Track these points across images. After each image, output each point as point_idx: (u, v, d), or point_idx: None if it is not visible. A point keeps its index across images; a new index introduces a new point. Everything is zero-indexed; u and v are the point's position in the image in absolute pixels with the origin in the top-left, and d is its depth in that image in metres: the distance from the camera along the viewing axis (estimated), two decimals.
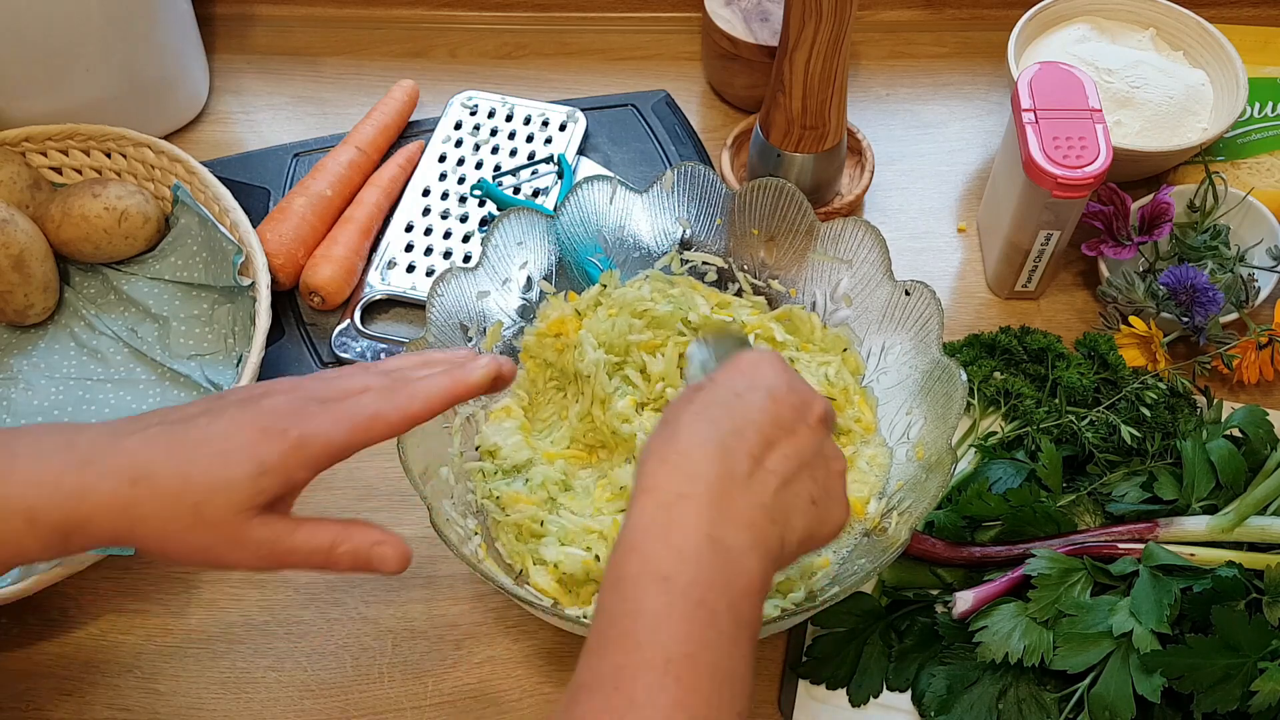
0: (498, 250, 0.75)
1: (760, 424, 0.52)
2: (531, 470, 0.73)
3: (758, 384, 0.54)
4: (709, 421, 0.52)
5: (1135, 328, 0.81)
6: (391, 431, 0.56)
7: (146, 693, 0.72)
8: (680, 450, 0.51)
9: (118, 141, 0.89)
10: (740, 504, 0.50)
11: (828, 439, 0.56)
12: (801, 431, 0.53)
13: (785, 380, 0.55)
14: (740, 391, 0.54)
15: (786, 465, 0.52)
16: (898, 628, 0.71)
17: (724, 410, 0.53)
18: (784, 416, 0.53)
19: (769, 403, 0.53)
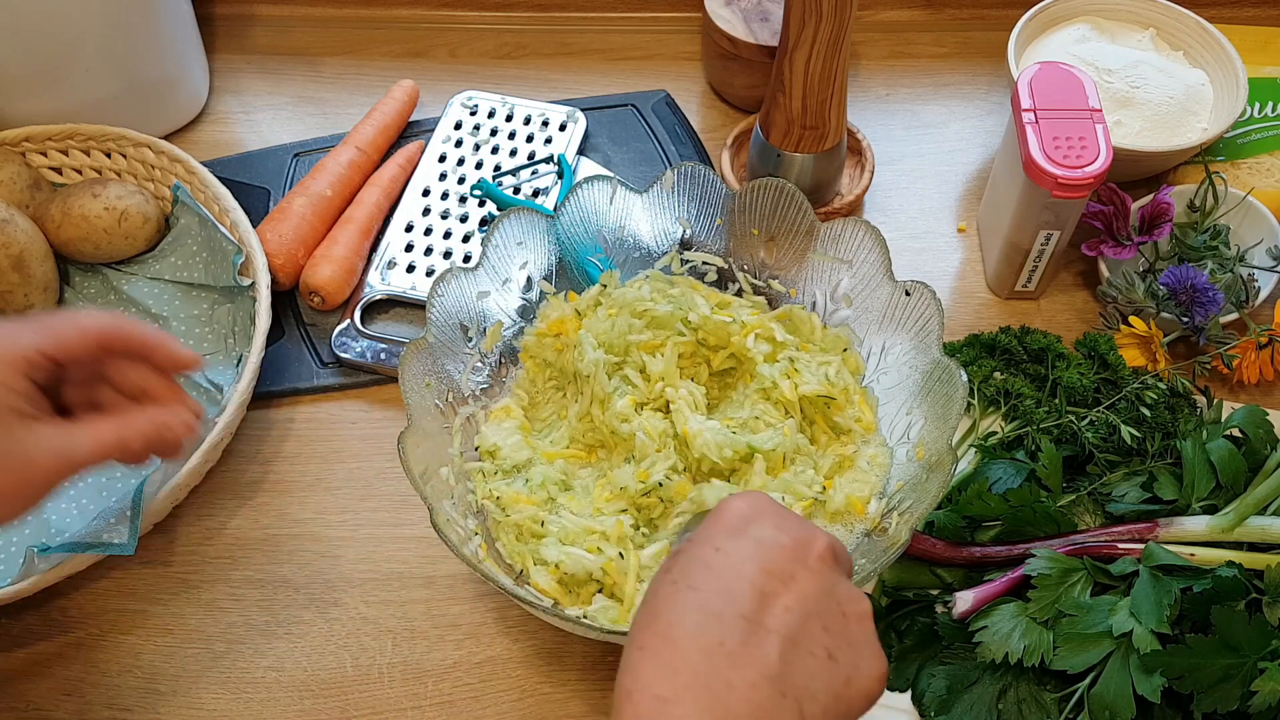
0: (498, 250, 0.75)
1: (751, 576, 0.45)
2: (531, 470, 0.73)
3: (743, 532, 0.47)
4: (690, 588, 0.45)
5: (1135, 328, 0.81)
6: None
7: (147, 693, 0.72)
8: (661, 632, 0.44)
9: (118, 141, 0.89)
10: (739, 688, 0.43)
11: (840, 579, 0.48)
12: (802, 576, 0.47)
13: (773, 520, 0.48)
14: (722, 546, 0.47)
15: (789, 618, 0.45)
16: (898, 628, 0.71)
17: (705, 571, 0.46)
18: (778, 562, 0.46)
19: (758, 551, 0.47)
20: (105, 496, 0.79)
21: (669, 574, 0.47)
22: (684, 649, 0.44)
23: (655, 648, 0.44)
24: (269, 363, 0.85)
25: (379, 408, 0.85)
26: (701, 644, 0.44)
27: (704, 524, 0.49)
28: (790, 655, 0.44)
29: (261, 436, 0.83)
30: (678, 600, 0.45)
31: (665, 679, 0.43)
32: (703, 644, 0.44)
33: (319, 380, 0.85)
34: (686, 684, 0.43)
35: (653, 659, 0.44)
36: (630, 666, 0.44)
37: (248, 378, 0.77)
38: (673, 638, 0.44)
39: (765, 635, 0.44)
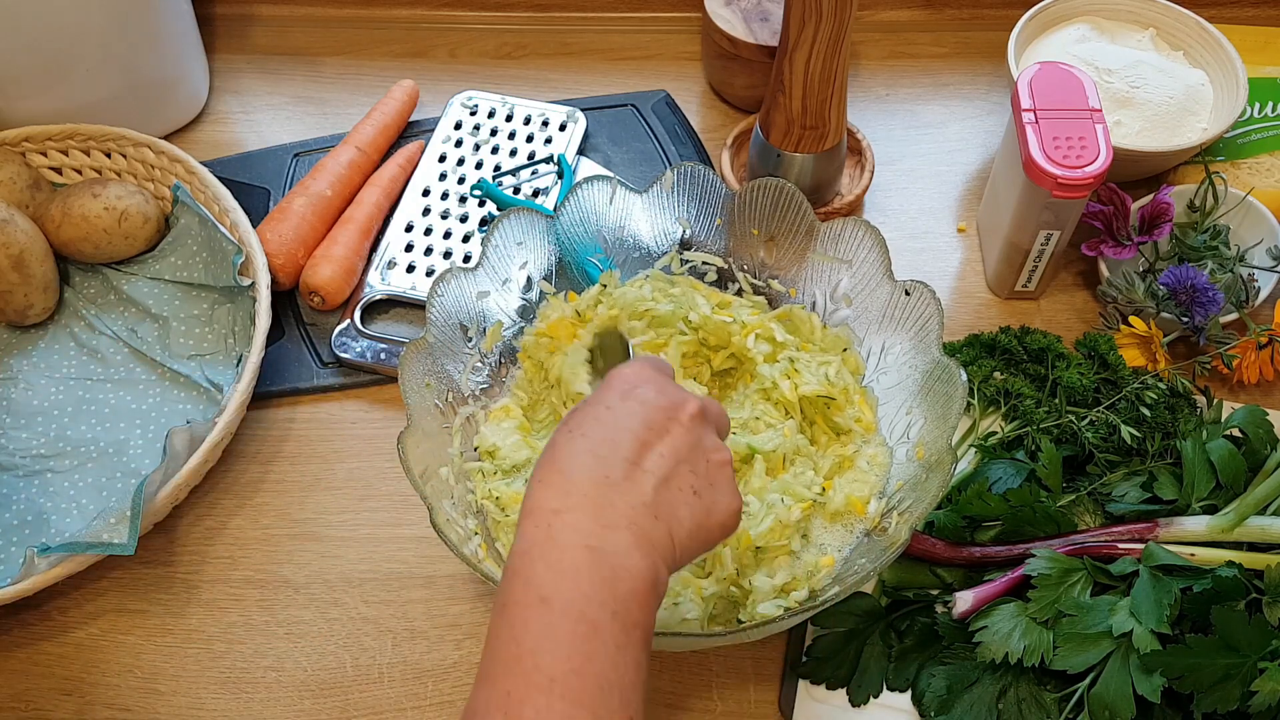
0: (498, 250, 0.75)
1: (633, 429, 0.54)
2: (530, 470, 0.73)
3: (629, 394, 0.56)
4: (583, 436, 0.54)
5: (1135, 328, 0.81)
6: None
7: (146, 693, 0.72)
8: (557, 468, 0.53)
9: (118, 141, 0.89)
10: (619, 507, 0.52)
11: (706, 433, 0.57)
12: (675, 430, 0.55)
13: (655, 385, 0.57)
14: (612, 404, 0.56)
15: (663, 463, 0.54)
16: (898, 628, 0.71)
17: (597, 424, 0.55)
18: (656, 419, 0.55)
19: (640, 409, 0.55)
20: (105, 496, 0.79)
21: (567, 425, 0.55)
22: (576, 479, 0.52)
23: (551, 480, 0.53)
24: (269, 363, 0.85)
25: (379, 408, 0.85)
26: (591, 476, 0.52)
27: (599, 389, 0.58)
28: (662, 490, 0.53)
29: (261, 436, 0.83)
30: (572, 445, 0.54)
31: (559, 499, 0.52)
32: (592, 476, 0.52)
33: (319, 380, 0.85)
34: (577, 502, 0.51)
35: (549, 487, 0.52)
36: (531, 494, 0.53)
37: (248, 378, 0.77)
38: (566, 471, 0.53)
39: (642, 474, 0.53)
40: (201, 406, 0.83)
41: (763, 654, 0.73)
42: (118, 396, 0.83)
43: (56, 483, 0.79)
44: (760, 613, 0.66)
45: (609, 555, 0.50)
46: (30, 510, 0.78)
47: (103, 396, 0.83)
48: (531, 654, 0.48)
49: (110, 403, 0.83)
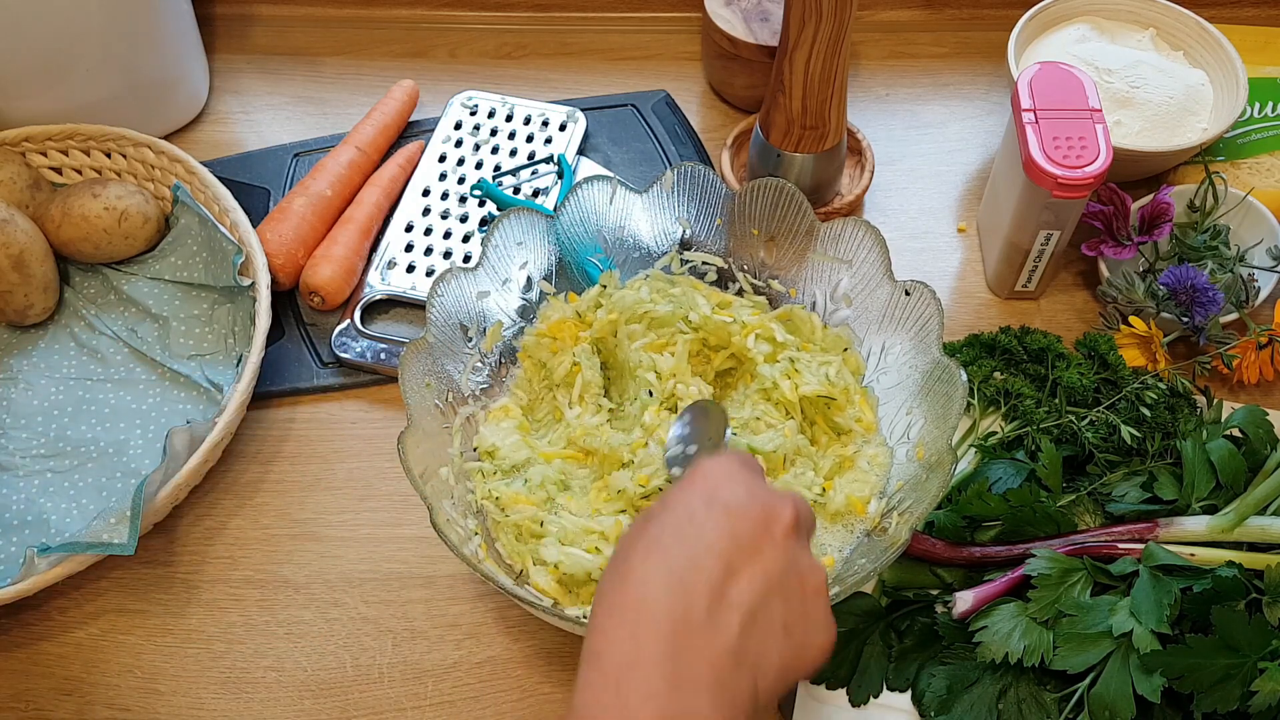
0: (498, 250, 0.75)
1: (719, 549, 0.47)
2: (530, 470, 0.73)
3: (715, 499, 0.49)
4: (661, 554, 0.47)
5: (1135, 328, 0.81)
6: None
7: (146, 693, 0.72)
8: (630, 597, 0.46)
9: (118, 141, 0.89)
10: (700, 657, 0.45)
11: (802, 551, 0.50)
12: (767, 550, 0.48)
13: (745, 490, 0.50)
14: (694, 513, 0.49)
15: (752, 594, 0.47)
16: (898, 628, 0.71)
17: (677, 539, 0.48)
18: (745, 535, 0.48)
19: (727, 521, 0.48)
20: (105, 497, 0.79)
21: (643, 536, 0.48)
22: (651, 615, 0.45)
23: (623, 612, 0.46)
24: (269, 363, 0.85)
25: (379, 408, 0.85)
26: (668, 613, 0.45)
27: (679, 485, 0.51)
28: (749, 629, 0.46)
29: (261, 436, 0.83)
30: (648, 566, 0.47)
31: (631, 644, 0.45)
32: (669, 613, 0.45)
33: (319, 380, 0.85)
34: (651, 652, 0.44)
35: (620, 623, 0.46)
36: (599, 628, 0.46)
37: (248, 378, 0.77)
38: (641, 604, 0.46)
39: (728, 609, 0.46)
40: (201, 406, 0.83)
41: None
42: (118, 396, 0.83)
43: (56, 483, 0.79)
44: None
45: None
46: (30, 510, 0.78)
47: (103, 396, 0.83)
48: None
49: (110, 403, 0.83)
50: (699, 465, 0.52)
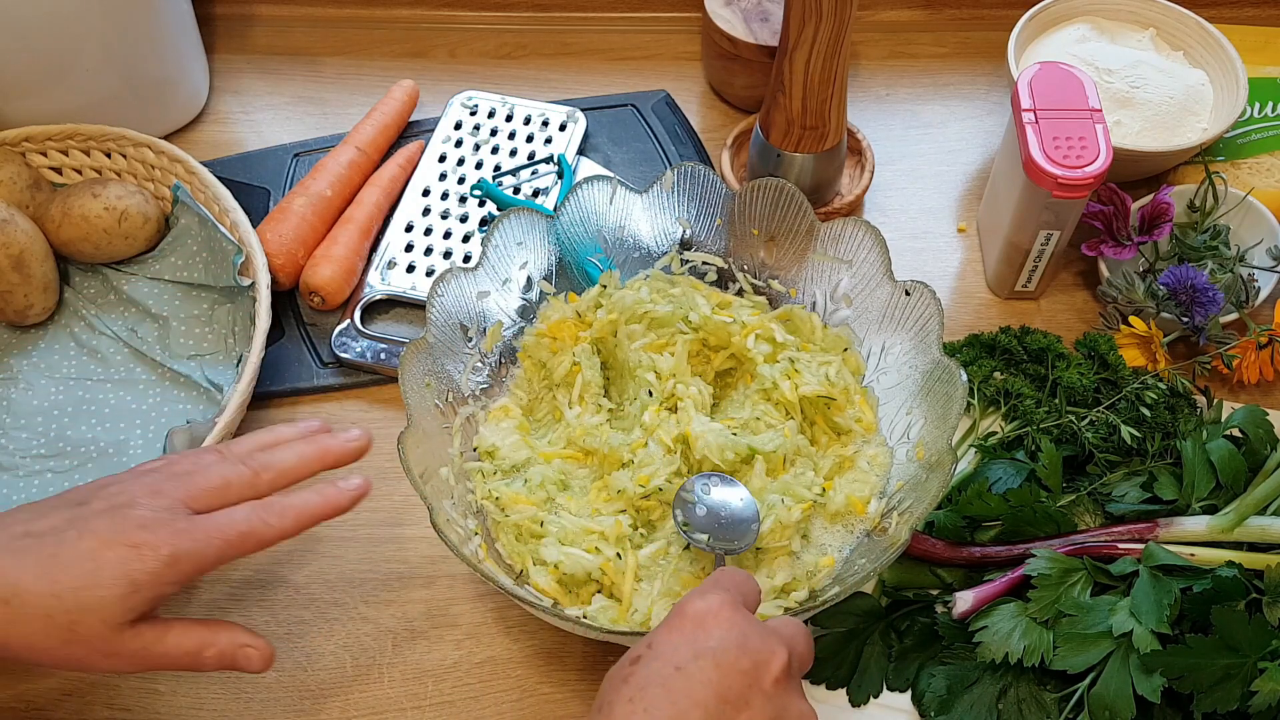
0: (498, 250, 0.75)
1: (706, 704, 0.46)
2: (530, 470, 0.73)
3: (702, 648, 0.48)
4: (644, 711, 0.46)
5: (1135, 328, 0.81)
6: (261, 547, 0.57)
7: (146, 693, 0.72)
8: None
9: (118, 141, 0.89)
10: None
11: (792, 699, 0.49)
12: (756, 703, 0.47)
13: (735, 637, 0.48)
14: (681, 664, 0.47)
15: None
16: (898, 628, 0.71)
17: (663, 692, 0.46)
18: (734, 689, 0.47)
19: (715, 674, 0.47)
20: None
21: (626, 687, 0.47)
22: None
23: None
24: (269, 363, 0.85)
25: (379, 408, 0.85)
26: None
27: (666, 631, 0.49)
28: None
29: None
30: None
31: None
32: None
33: (319, 380, 0.85)
34: None
35: None
36: None
37: (248, 378, 0.77)
38: None
39: None
40: (201, 406, 0.83)
41: None
42: (118, 396, 0.83)
43: (56, 483, 0.79)
44: (760, 613, 0.66)
45: None
46: None
47: (103, 396, 0.83)
48: None
49: (110, 403, 0.83)
50: (689, 606, 0.50)
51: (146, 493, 0.56)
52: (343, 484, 0.60)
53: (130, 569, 0.54)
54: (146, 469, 0.60)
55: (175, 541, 0.55)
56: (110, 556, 0.54)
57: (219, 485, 0.58)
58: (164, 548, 0.54)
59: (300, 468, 0.60)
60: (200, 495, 0.57)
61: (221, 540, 0.56)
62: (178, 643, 0.57)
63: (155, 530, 0.54)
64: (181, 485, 0.57)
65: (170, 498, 0.56)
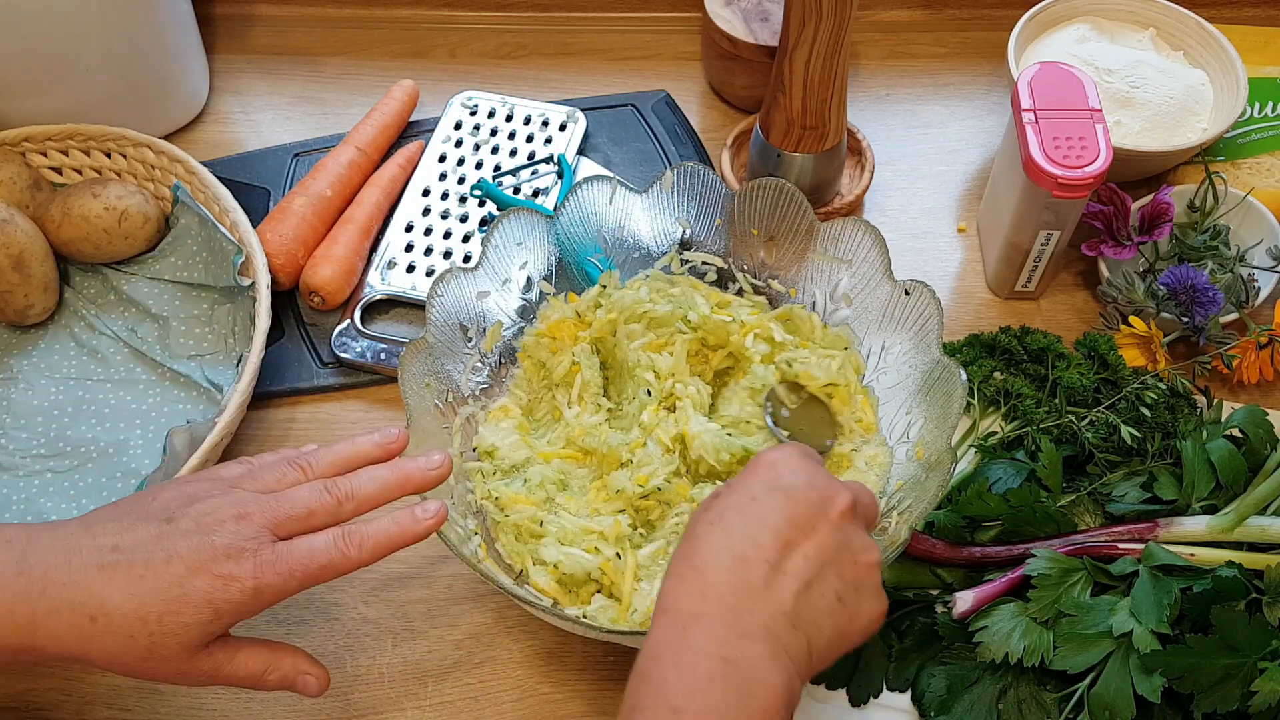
0: (498, 250, 0.75)
1: (777, 527, 0.52)
2: (529, 470, 0.73)
3: (775, 485, 0.54)
4: (724, 530, 0.52)
5: (1135, 328, 0.81)
6: (337, 576, 0.59)
7: (146, 693, 0.72)
8: (695, 565, 0.51)
9: (118, 141, 0.89)
10: (757, 615, 0.50)
11: (855, 531, 0.55)
12: (822, 528, 0.53)
13: (804, 477, 0.54)
14: (756, 495, 0.53)
15: (807, 566, 0.52)
16: (898, 628, 0.71)
17: (739, 517, 0.52)
18: (802, 516, 0.53)
19: (786, 504, 0.53)
20: (105, 497, 0.79)
21: (708, 513, 0.53)
22: (713, 581, 0.50)
23: (689, 578, 0.51)
24: (269, 363, 0.85)
25: (379, 408, 0.85)
26: (729, 579, 0.50)
27: (744, 472, 0.55)
28: (804, 597, 0.51)
29: (262, 436, 0.83)
30: (712, 540, 0.52)
31: (696, 601, 0.50)
32: (730, 579, 0.50)
33: (319, 380, 0.85)
34: (714, 607, 0.50)
35: (687, 586, 0.51)
36: (668, 591, 0.51)
37: (248, 378, 0.77)
38: (705, 571, 0.51)
39: (784, 578, 0.51)
40: (201, 406, 0.83)
41: None
42: (118, 396, 0.83)
43: (56, 483, 0.79)
44: None
45: (744, 669, 0.48)
46: (30, 510, 0.78)
47: (103, 396, 0.83)
48: None
49: (110, 403, 0.83)
50: (762, 455, 0.56)
51: (233, 515, 0.58)
52: (420, 513, 0.61)
53: (215, 598, 0.55)
54: (229, 477, 0.61)
55: (260, 574, 0.56)
56: (198, 585, 0.55)
57: (304, 514, 0.59)
58: (249, 580, 0.56)
59: (382, 496, 0.61)
60: (285, 522, 0.59)
61: (303, 574, 0.58)
62: (245, 664, 0.59)
63: (242, 562, 0.56)
64: (268, 511, 0.58)
65: (256, 524, 0.58)
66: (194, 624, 0.55)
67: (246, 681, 0.59)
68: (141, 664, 0.55)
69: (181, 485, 0.61)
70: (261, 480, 0.61)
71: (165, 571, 0.55)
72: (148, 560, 0.55)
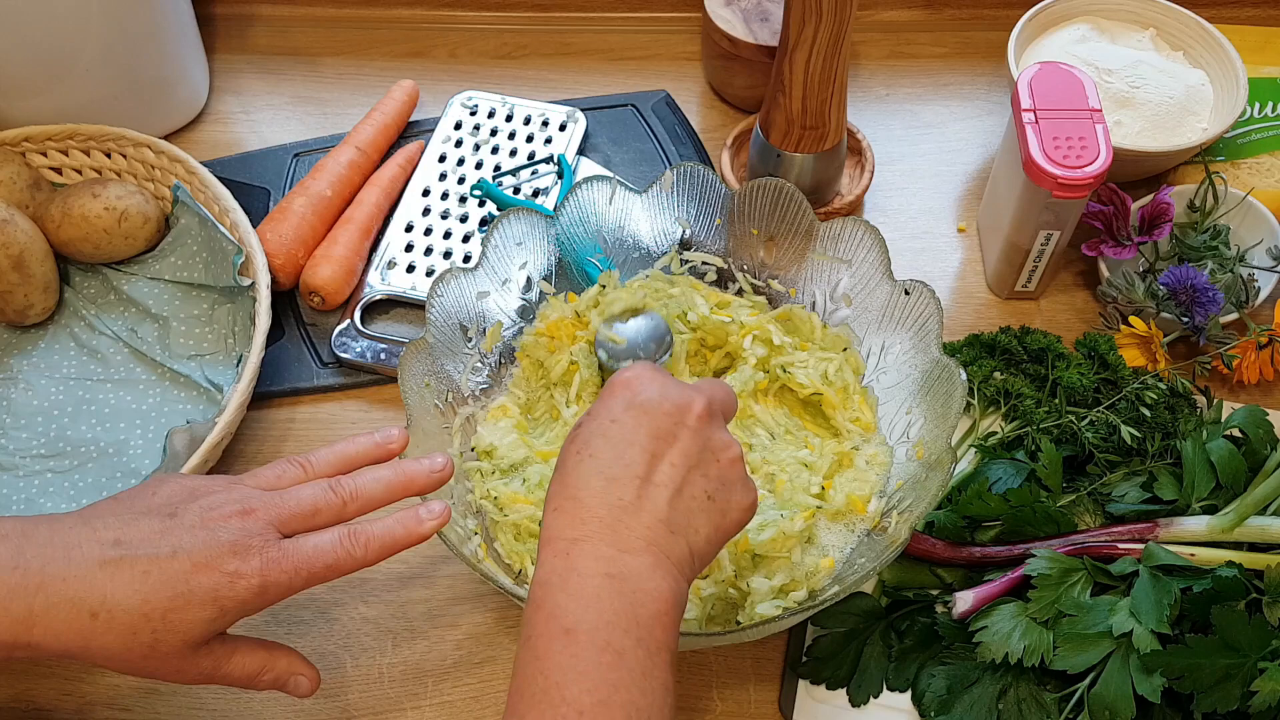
0: (498, 250, 0.75)
1: (641, 442, 0.54)
2: (528, 469, 0.73)
3: (632, 402, 0.56)
4: (591, 456, 0.54)
5: (1135, 328, 0.81)
6: (342, 575, 0.59)
7: (146, 693, 0.72)
8: (571, 494, 0.53)
9: (118, 141, 0.89)
10: (635, 528, 0.52)
11: (715, 431, 0.57)
12: (683, 435, 0.55)
13: (657, 390, 0.56)
14: (617, 416, 0.55)
15: (674, 473, 0.54)
16: (898, 628, 0.71)
17: (603, 441, 0.54)
18: (662, 427, 0.55)
19: (645, 418, 0.55)
20: (105, 497, 0.78)
21: (574, 443, 0.55)
22: (589, 505, 0.53)
23: (567, 508, 0.53)
24: (269, 363, 0.85)
25: (379, 408, 0.85)
26: (604, 500, 0.53)
27: (602, 396, 0.57)
28: (676, 502, 0.54)
29: (262, 436, 0.83)
30: (581, 468, 0.54)
31: (576, 527, 0.52)
32: (605, 500, 0.53)
33: (319, 380, 0.85)
34: (593, 529, 0.52)
35: (565, 515, 0.53)
36: (550, 523, 0.53)
37: (248, 378, 0.77)
38: (580, 498, 0.53)
39: (655, 489, 0.53)
40: (201, 406, 0.83)
41: (763, 654, 0.73)
42: (118, 396, 0.83)
43: (56, 483, 0.79)
44: (759, 613, 0.66)
45: (629, 580, 0.51)
46: (30, 510, 0.78)
47: (103, 396, 0.83)
48: (558, 686, 0.48)
49: (110, 403, 0.83)
50: (616, 377, 0.58)
51: (238, 510, 0.57)
52: (424, 513, 0.61)
53: (220, 595, 0.55)
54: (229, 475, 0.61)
55: (266, 571, 0.56)
56: (203, 581, 0.55)
57: (309, 511, 0.59)
58: (255, 578, 0.56)
59: (386, 497, 0.62)
60: (290, 520, 0.58)
61: (308, 572, 0.58)
62: (242, 663, 0.59)
63: (248, 559, 0.56)
64: (273, 507, 0.58)
65: (261, 520, 0.57)
66: (197, 621, 0.55)
67: (241, 681, 0.59)
68: (142, 661, 0.55)
69: (181, 480, 0.60)
70: (262, 477, 0.61)
71: (170, 567, 0.55)
72: (152, 556, 0.55)
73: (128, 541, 0.55)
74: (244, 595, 0.56)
